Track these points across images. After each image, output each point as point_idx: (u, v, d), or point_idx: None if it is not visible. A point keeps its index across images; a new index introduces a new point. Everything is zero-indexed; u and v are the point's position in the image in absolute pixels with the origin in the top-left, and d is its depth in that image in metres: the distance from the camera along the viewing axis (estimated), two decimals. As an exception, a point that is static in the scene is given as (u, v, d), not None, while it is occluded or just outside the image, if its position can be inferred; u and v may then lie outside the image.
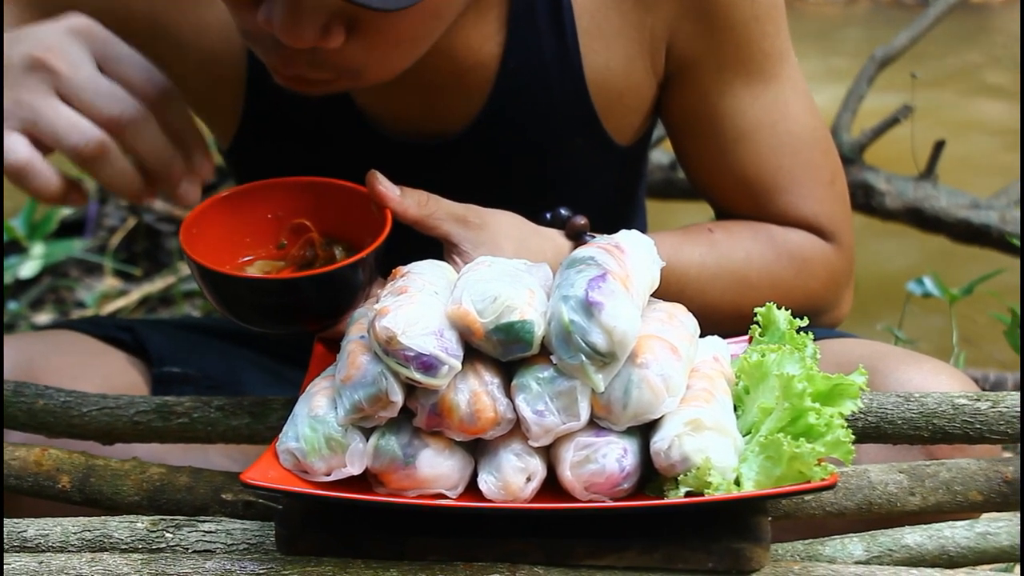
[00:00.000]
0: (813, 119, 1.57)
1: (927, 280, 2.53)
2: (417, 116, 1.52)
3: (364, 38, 1.26)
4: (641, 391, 1.13)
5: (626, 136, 1.58)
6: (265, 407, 1.35)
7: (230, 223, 1.31)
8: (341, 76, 1.30)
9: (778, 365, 1.19)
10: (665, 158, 3.14)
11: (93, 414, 1.34)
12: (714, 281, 1.49)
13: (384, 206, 1.32)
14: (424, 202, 1.35)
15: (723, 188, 1.57)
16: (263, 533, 1.21)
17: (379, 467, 1.15)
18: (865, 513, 1.23)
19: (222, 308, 1.28)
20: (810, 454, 1.11)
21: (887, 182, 3.02)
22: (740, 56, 1.51)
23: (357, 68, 1.29)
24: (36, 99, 1.17)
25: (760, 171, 1.53)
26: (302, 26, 1.22)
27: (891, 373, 1.37)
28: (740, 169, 1.54)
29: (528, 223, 1.42)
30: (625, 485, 1.14)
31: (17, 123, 1.17)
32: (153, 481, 1.28)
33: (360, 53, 1.27)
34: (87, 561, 1.16)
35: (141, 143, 1.19)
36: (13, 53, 1.19)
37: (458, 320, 1.15)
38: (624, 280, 1.16)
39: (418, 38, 1.31)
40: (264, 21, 1.24)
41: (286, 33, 1.22)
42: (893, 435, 1.28)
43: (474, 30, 1.47)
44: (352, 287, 1.27)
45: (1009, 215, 2.95)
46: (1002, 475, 1.24)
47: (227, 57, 1.52)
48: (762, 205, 1.54)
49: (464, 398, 1.14)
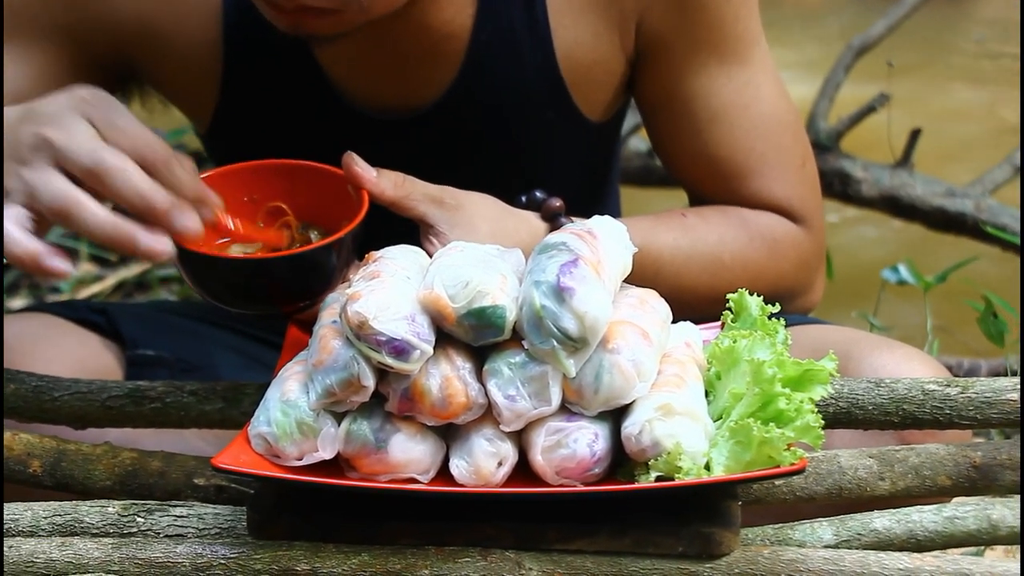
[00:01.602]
0: (784, 102, 1.58)
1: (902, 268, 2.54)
2: (390, 89, 1.53)
3: None
4: (612, 376, 1.14)
5: (597, 112, 1.58)
6: (238, 392, 1.34)
7: None
8: (347, 6, 1.30)
9: (749, 351, 1.20)
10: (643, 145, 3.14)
11: (65, 399, 1.34)
12: (688, 264, 1.50)
13: (360, 187, 1.32)
14: (400, 183, 1.36)
15: (695, 169, 1.57)
16: (235, 518, 1.21)
17: (351, 452, 1.15)
18: (835, 498, 1.24)
19: (199, 289, 1.28)
20: (780, 439, 1.11)
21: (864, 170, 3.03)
22: (713, 37, 1.52)
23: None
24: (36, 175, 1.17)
25: (732, 153, 1.54)
26: None
27: (864, 359, 1.38)
28: (712, 150, 1.54)
29: (503, 205, 1.42)
30: (596, 470, 1.14)
31: (20, 197, 1.17)
32: (125, 466, 1.28)
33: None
34: (57, 546, 1.16)
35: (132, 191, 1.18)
36: (22, 131, 1.19)
37: (430, 305, 1.15)
38: (596, 266, 1.16)
39: None
40: None
41: None
42: (863, 420, 1.28)
43: (447, 2, 1.47)
44: (328, 269, 1.27)
45: (984, 203, 2.96)
46: (970, 460, 1.24)
47: (205, 43, 1.52)
48: (734, 188, 1.55)
49: (436, 383, 1.14)
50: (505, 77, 1.53)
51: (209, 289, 1.28)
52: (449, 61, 1.51)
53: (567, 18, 1.51)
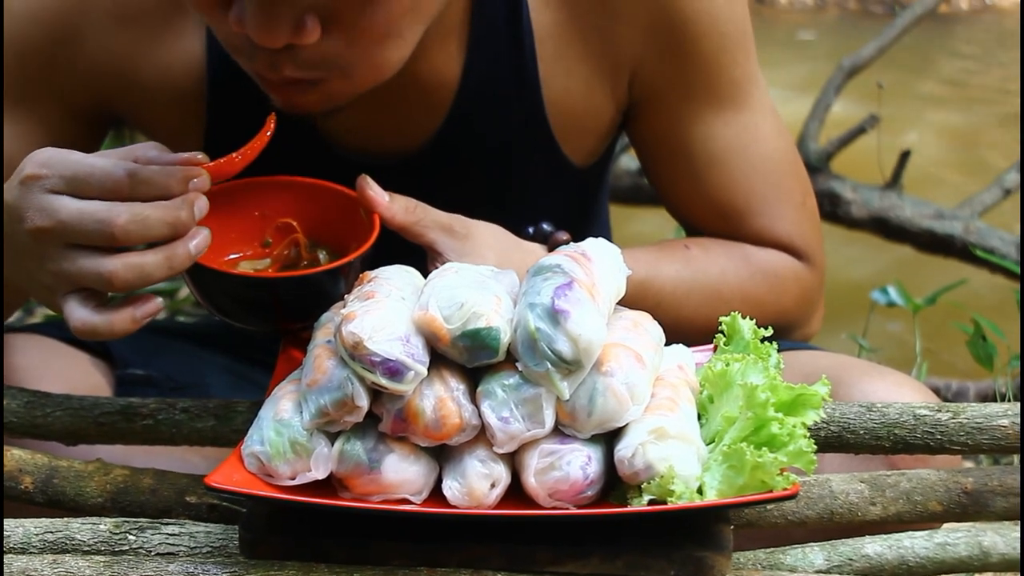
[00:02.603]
0: (783, 141, 1.58)
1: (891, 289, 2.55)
2: (377, 134, 1.53)
3: (343, 32, 1.25)
4: (606, 399, 1.14)
5: (583, 157, 1.59)
6: (230, 410, 1.34)
7: (218, 218, 1.31)
8: (331, 74, 1.30)
9: (742, 375, 1.20)
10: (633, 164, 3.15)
11: (57, 414, 1.34)
12: (689, 296, 1.50)
13: (373, 210, 1.33)
14: (412, 209, 1.36)
15: (696, 212, 1.57)
16: (227, 536, 1.21)
17: (344, 472, 1.15)
18: (826, 522, 1.24)
19: (205, 302, 1.29)
20: (773, 464, 1.11)
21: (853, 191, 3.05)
22: (710, 86, 1.52)
23: (344, 65, 1.29)
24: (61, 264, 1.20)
25: (733, 195, 1.54)
26: (273, 23, 1.22)
27: (855, 384, 1.38)
28: (713, 193, 1.54)
29: (511, 236, 1.42)
30: (589, 492, 1.14)
31: (67, 287, 1.21)
32: (117, 483, 1.28)
33: (342, 48, 1.27)
34: (49, 563, 1.16)
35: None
36: (14, 234, 1.23)
37: (424, 326, 1.15)
38: (590, 288, 1.16)
39: (400, 33, 1.30)
40: (236, 23, 1.24)
41: (258, 33, 1.22)
42: (855, 445, 1.29)
43: (438, 50, 1.48)
44: (336, 290, 1.28)
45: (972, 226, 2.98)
46: (962, 486, 1.25)
47: (189, 91, 1.51)
48: (735, 227, 1.55)
49: (430, 404, 1.14)
50: (492, 124, 1.53)
51: (216, 303, 1.28)
52: (437, 108, 1.51)
53: (558, 67, 1.51)
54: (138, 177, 1.20)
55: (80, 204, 1.19)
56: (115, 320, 1.20)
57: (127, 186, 1.20)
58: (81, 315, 1.20)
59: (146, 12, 1.48)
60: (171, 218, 1.20)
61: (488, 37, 1.49)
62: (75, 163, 1.21)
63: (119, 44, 1.49)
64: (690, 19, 1.48)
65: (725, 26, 1.50)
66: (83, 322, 1.19)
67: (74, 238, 1.19)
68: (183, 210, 1.21)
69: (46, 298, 1.25)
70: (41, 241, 1.20)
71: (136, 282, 1.19)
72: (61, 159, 1.22)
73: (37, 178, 1.21)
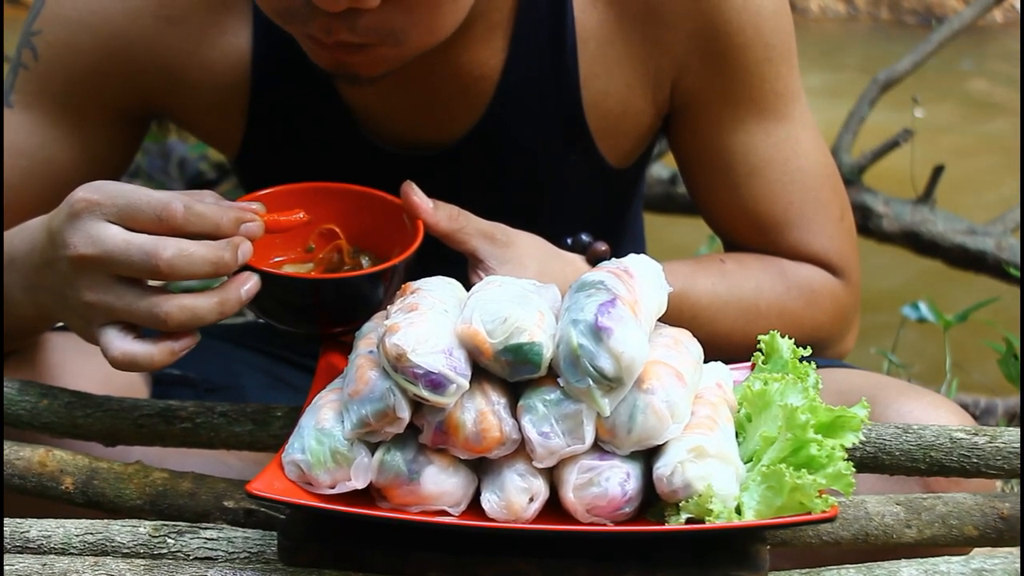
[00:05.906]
0: (823, 155, 1.58)
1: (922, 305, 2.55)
2: (415, 126, 1.54)
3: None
4: (646, 417, 1.14)
5: (620, 159, 1.59)
6: (268, 414, 1.35)
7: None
8: (384, 40, 1.30)
9: (781, 395, 1.20)
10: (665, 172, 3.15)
11: (97, 415, 1.35)
12: (725, 310, 1.50)
13: (416, 217, 1.34)
14: (455, 216, 1.37)
15: (734, 222, 1.58)
16: (264, 542, 1.21)
17: (383, 482, 1.16)
18: (861, 544, 1.24)
19: (251, 305, 1.30)
20: (811, 486, 1.12)
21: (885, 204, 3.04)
22: (752, 96, 1.52)
23: (397, 31, 1.30)
24: (103, 295, 1.22)
25: (771, 207, 1.54)
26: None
27: (890, 404, 1.38)
28: (751, 204, 1.55)
29: (550, 246, 1.43)
30: (627, 509, 1.15)
31: (104, 319, 1.23)
32: (156, 486, 1.29)
33: (399, 15, 1.28)
34: (90, 565, 1.17)
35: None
36: (56, 261, 1.25)
37: (467, 339, 1.16)
38: (633, 305, 1.17)
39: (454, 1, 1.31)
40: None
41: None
42: (891, 466, 1.29)
43: (481, 44, 1.48)
44: (380, 295, 1.29)
45: (1005, 242, 2.97)
46: (998, 511, 1.25)
47: (232, 87, 1.52)
48: (773, 240, 1.55)
49: (470, 417, 1.15)
50: (530, 121, 1.53)
51: (258, 304, 1.29)
52: (476, 102, 1.52)
53: (599, 68, 1.51)
54: (193, 210, 1.22)
55: (128, 235, 1.22)
56: (155, 353, 1.23)
57: (181, 216, 1.22)
58: (122, 347, 1.22)
59: (193, 11, 1.50)
60: (215, 257, 1.22)
61: (531, 34, 1.50)
62: (129, 191, 1.23)
63: (166, 45, 1.50)
64: (736, 29, 1.49)
65: (771, 38, 1.51)
66: (123, 353, 1.22)
67: (118, 269, 1.21)
68: (227, 251, 1.23)
69: (80, 327, 1.27)
70: (83, 269, 1.22)
71: (188, 324, 1.22)
72: (116, 187, 1.24)
73: (89, 205, 1.23)
